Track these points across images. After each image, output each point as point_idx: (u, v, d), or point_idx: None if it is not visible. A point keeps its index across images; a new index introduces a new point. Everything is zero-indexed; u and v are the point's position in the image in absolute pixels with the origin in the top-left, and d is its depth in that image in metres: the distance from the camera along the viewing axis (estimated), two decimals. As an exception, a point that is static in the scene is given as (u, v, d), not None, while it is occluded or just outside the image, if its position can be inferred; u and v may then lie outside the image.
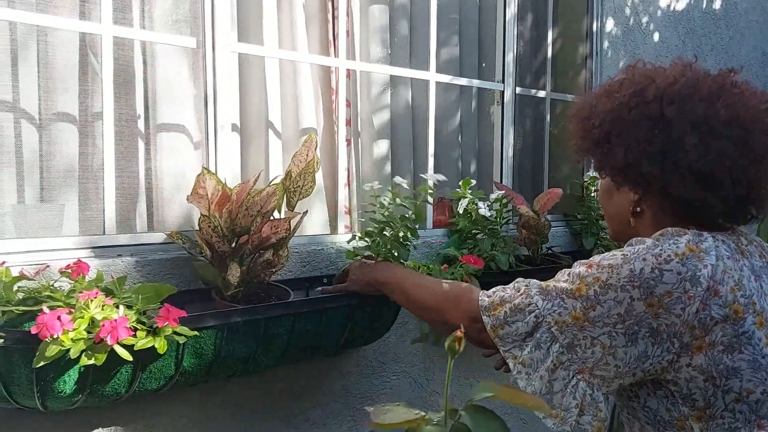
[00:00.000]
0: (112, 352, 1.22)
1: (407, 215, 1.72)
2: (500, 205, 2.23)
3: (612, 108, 1.17)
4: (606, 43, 2.88)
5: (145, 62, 1.80)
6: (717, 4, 3.54)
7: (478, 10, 2.71)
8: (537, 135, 2.93)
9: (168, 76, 1.80)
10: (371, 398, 2.03)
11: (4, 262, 1.32)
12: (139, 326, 1.27)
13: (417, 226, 1.76)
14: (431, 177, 1.90)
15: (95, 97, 1.71)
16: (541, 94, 2.80)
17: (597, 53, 2.85)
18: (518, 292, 1.15)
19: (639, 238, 1.13)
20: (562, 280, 1.12)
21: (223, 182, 1.53)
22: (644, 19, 3.06)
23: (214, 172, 1.58)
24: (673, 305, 1.02)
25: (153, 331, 1.28)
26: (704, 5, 3.45)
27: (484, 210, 2.18)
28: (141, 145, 1.80)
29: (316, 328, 1.61)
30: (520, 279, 1.19)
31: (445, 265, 1.95)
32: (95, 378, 1.27)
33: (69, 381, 1.25)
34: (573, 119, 1.27)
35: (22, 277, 1.31)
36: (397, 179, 1.77)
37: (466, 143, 2.71)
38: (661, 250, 1.06)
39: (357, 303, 1.67)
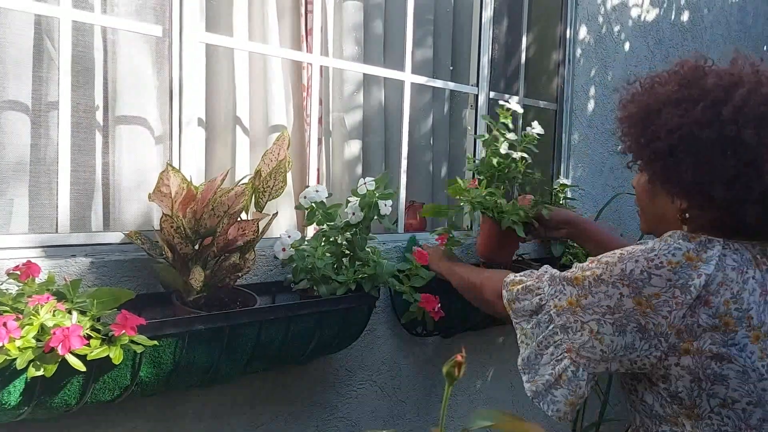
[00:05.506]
0: (63, 362, 1.13)
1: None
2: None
3: (682, 123, 1.08)
4: (579, 51, 2.87)
5: (106, 50, 1.70)
6: (685, 17, 3.58)
7: (452, 12, 2.67)
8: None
9: (130, 66, 1.71)
10: (337, 407, 1.96)
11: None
12: (93, 334, 1.18)
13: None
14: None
15: (51, 85, 1.60)
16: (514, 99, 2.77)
17: (570, 60, 2.84)
18: (534, 275, 1.29)
19: (647, 239, 1.16)
20: (569, 270, 1.22)
21: (189, 180, 1.45)
22: (616, 28, 3.07)
23: (178, 169, 1.49)
24: (660, 307, 1.07)
25: (108, 340, 1.19)
26: (672, 17, 3.49)
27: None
28: (99, 138, 1.70)
29: (283, 336, 1.53)
30: (546, 266, 1.31)
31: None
32: (43, 389, 1.18)
33: (14, 392, 1.15)
34: (627, 120, 1.20)
35: (-37, 278, 1.21)
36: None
37: (438, 147, 2.66)
38: (655, 255, 1.09)
39: (325, 310, 1.61)
